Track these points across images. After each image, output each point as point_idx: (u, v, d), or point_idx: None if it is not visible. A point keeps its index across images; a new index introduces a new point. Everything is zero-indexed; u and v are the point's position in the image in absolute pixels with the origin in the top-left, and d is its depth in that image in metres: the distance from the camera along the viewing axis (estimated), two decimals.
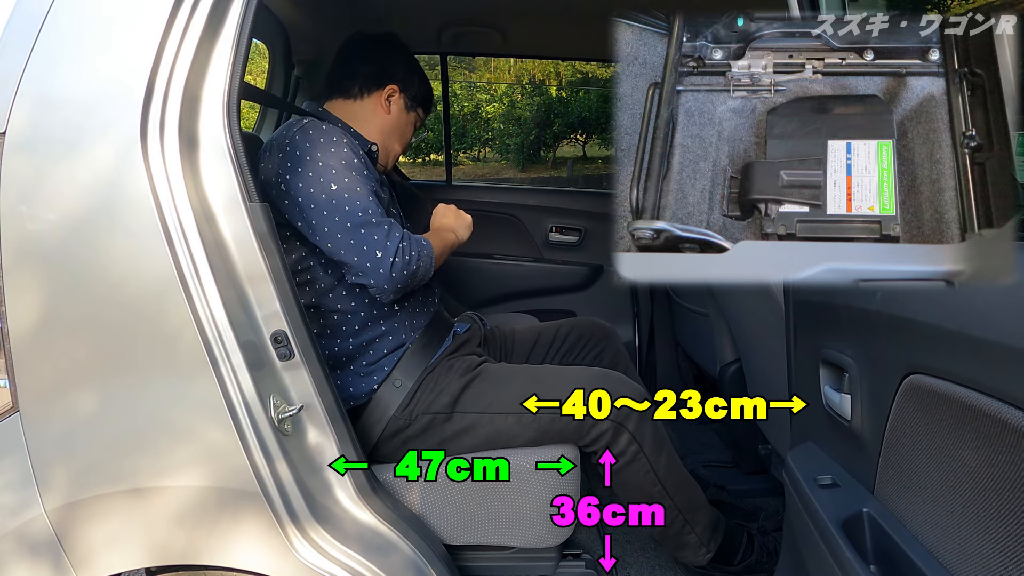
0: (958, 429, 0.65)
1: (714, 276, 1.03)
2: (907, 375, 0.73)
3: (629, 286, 2.61)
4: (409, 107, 1.55)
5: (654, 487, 1.33)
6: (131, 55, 0.99)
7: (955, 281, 0.67)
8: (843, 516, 0.82)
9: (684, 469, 1.39)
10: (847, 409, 0.89)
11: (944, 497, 0.69)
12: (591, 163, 9.84)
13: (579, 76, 8.51)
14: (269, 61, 2.31)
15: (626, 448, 1.30)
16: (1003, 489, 0.59)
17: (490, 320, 1.76)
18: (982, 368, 0.60)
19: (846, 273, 0.74)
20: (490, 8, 2.32)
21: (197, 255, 1.01)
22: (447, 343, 1.44)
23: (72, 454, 1.04)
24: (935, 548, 0.70)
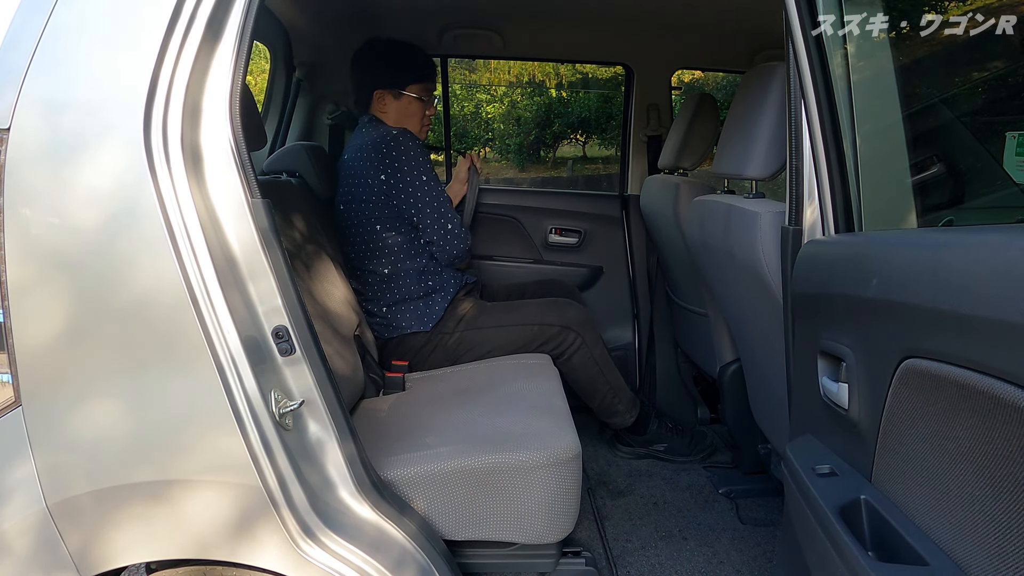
0: (953, 409, 0.66)
1: None
2: (903, 360, 0.74)
3: (628, 287, 2.62)
4: (397, 96, 1.99)
5: (593, 367, 1.98)
6: (133, 55, 1.00)
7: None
8: (841, 503, 0.83)
9: (612, 360, 2.02)
10: (844, 398, 0.89)
11: (940, 479, 0.69)
12: (591, 163, 9.85)
13: (579, 76, 8.52)
14: (270, 63, 2.33)
15: (574, 341, 1.95)
16: (996, 466, 0.59)
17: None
18: (975, 346, 0.61)
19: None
20: (490, 11, 2.34)
21: (199, 251, 1.01)
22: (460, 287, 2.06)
23: (74, 449, 1.05)
24: (931, 530, 0.71)
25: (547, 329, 1.94)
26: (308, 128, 2.44)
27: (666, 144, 2.24)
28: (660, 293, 2.54)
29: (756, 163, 1.40)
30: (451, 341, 1.96)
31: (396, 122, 2.00)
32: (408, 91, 1.99)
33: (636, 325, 2.58)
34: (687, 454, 2.19)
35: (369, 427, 1.52)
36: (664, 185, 2.11)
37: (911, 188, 1.13)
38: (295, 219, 1.73)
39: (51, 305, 1.01)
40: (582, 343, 1.95)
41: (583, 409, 2.04)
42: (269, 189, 1.24)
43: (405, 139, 1.90)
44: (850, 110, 1.06)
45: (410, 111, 2.01)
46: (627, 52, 2.60)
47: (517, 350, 1.95)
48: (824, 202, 1.07)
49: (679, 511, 1.92)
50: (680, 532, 1.81)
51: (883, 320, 0.80)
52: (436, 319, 1.95)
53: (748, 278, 1.40)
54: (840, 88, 1.06)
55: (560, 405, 1.55)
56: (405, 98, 2.00)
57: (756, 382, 1.66)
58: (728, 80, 5.83)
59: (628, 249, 2.64)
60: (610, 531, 1.82)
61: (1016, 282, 0.56)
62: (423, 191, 1.89)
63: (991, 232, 0.73)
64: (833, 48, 1.06)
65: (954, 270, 0.68)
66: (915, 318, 0.72)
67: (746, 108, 1.48)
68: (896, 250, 0.85)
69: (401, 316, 1.96)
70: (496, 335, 1.95)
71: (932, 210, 1.28)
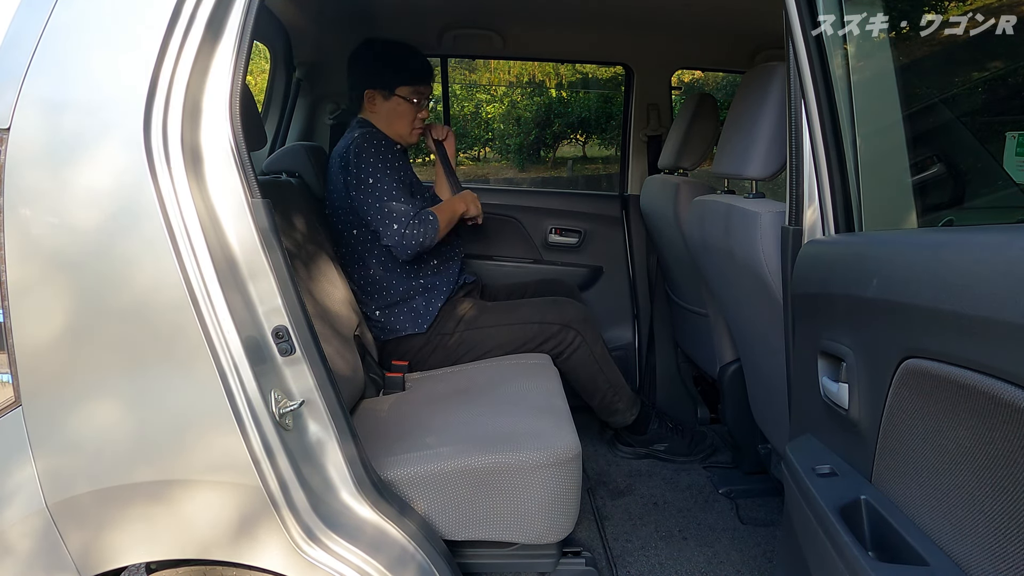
0: (953, 410, 0.66)
1: None
2: (903, 360, 0.74)
3: (628, 287, 2.62)
4: (387, 97, 1.98)
5: (593, 366, 1.98)
6: (133, 55, 1.00)
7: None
8: (841, 503, 0.83)
9: (611, 358, 2.02)
10: (844, 398, 0.89)
11: (940, 479, 0.69)
12: (591, 163, 9.85)
13: (579, 76, 8.53)
14: (270, 63, 2.33)
15: (573, 340, 1.94)
16: (996, 466, 0.59)
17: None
18: (975, 346, 0.61)
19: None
20: (490, 11, 2.34)
21: (200, 251, 1.01)
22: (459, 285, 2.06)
23: (74, 449, 1.05)
24: (931, 530, 0.71)
25: (547, 328, 1.94)
26: (308, 128, 2.45)
27: (666, 144, 2.24)
28: (660, 293, 2.54)
29: (756, 163, 1.40)
30: (451, 342, 1.95)
31: (386, 123, 2.00)
32: (398, 92, 1.98)
33: (636, 325, 2.58)
34: (687, 454, 2.19)
35: (369, 427, 1.52)
36: (664, 185, 2.11)
37: (911, 188, 1.13)
38: (295, 219, 1.74)
39: (51, 305, 1.01)
40: (582, 341, 1.95)
41: (583, 409, 2.04)
42: (269, 189, 1.24)
43: (369, 143, 1.86)
44: (850, 110, 1.06)
45: (399, 112, 2.00)
46: (627, 52, 2.60)
47: (517, 349, 1.95)
48: (824, 202, 1.07)
49: (679, 511, 1.92)
50: (680, 532, 1.81)
51: (883, 320, 0.80)
52: (430, 320, 1.95)
53: (748, 278, 1.40)
54: (840, 88, 1.06)
55: (560, 405, 1.55)
56: (395, 99, 1.99)
57: (756, 382, 1.66)
58: (728, 80, 5.83)
59: (628, 249, 2.64)
60: (610, 531, 1.82)
61: (1016, 282, 0.56)
62: (368, 192, 1.84)
63: (991, 232, 0.73)
64: (833, 48, 1.06)
65: (954, 270, 0.68)
66: (915, 318, 0.72)
67: (746, 108, 1.48)
68: (896, 250, 0.85)
69: (395, 319, 1.96)
70: (496, 334, 1.95)
71: (932, 210, 1.28)
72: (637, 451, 2.22)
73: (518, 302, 2.05)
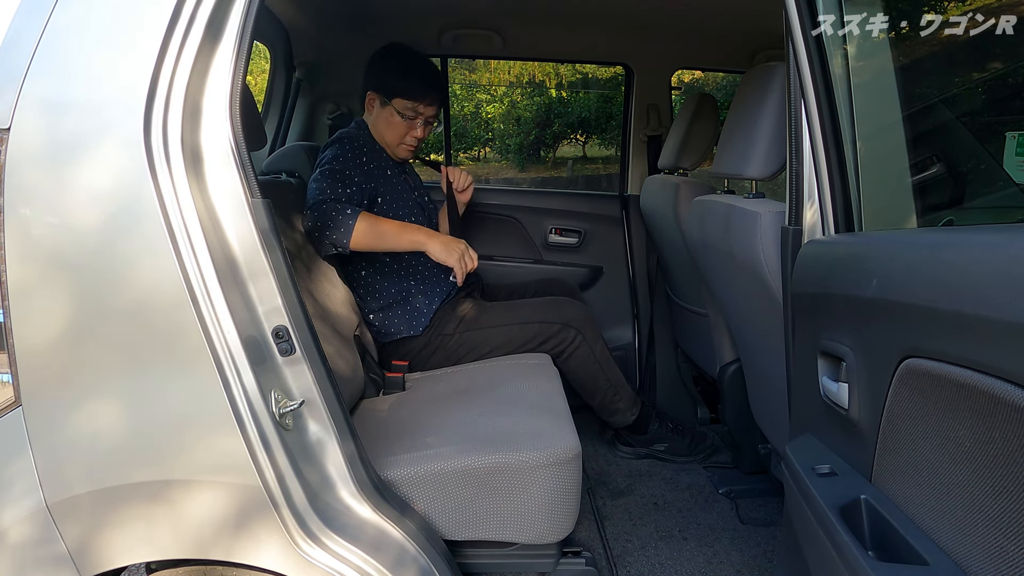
0: (953, 409, 0.66)
1: None
2: (903, 360, 0.74)
3: (628, 287, 2.63)
4: (384, 104, 1.94)
5: (593, 365, 1.97)
6: (133, 55, 1.00)
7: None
8: (841, 503, 0.83)
9: (612, 358, 2.02)
10: (844, 398, 0.89)
11: (939, 479, 0.69)
12: (591, 163, 9.86)
13: (579, 76, 8.53)
14: (270, 63, 2.33)
15: (574, 339, 1.94)
16: (996, 466, 0.60)
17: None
18: (975, 346, 0.61)
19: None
20: (490, 11, 2.34)
21: (200, 251, 1.01)
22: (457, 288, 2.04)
23: (74, 449, 1.05)
24: (931, 529, 0.71)
25: (547, 327, 1.95)
26: (308, 128, 2.45)
27: (666, 144, 2.24)
28: (660, 293, 2.54)
29: (756, 163, 1.41)
30: (451, 342, 1.96)
31: (378, 129, 1.98)
32: (395, 103, 1.92)
33: (636, 325, 2.58)
34: (688, 454, 2.19)
35: (369, 427, 1.52)
36: (664, 185, 2.11)
37: (911, 188, 1.13)
38: (295, 219, 1.74)
39: (51, 305, 1.01)
40: (582, 340, 1.95)
41: (583, 409, 2.04)
42: (269, 189, 1.24)
43: (349, 138, 1.87)
44: (850, 110, 1.06)
45: (391, 123, 1.94)
46: (627, 52, 2.60)
47: (517, 349, 1.95)
48: (824, 202, 1.07)
49: (679, 511, 1.92)
50: (680, 532, 1.81)
51: (883, 320, 0.80)
52: (426, 321, 1.95)
53: (748, 278, 1.40)
54: (840, 88, 1.06)
55: (560, 405, 1.55)
56: (390, 108, 1.93)
57: (756, 382, 1.66)
58: (728, 80, 5.83)
59: (628, 249, 2.64)
60: (610, 531, 1.82)
61: (1016, 282, 0.56)
62: (310, 190, 1.76)
63: (991, 232, 0.73)
64: (833, 48, 1.06)
65: (954, 270, 0.68)
66: (915, 318, 0.72)
67: (746, 108, 1.48)
68: (896, 250, 0.85)
69: (390, 321, 1.96)
70: (496, 334, 1.95)
71: (932, 210, 1.28)
72: (637, 451, 2.22)
73: (518, 302, 2.04)
